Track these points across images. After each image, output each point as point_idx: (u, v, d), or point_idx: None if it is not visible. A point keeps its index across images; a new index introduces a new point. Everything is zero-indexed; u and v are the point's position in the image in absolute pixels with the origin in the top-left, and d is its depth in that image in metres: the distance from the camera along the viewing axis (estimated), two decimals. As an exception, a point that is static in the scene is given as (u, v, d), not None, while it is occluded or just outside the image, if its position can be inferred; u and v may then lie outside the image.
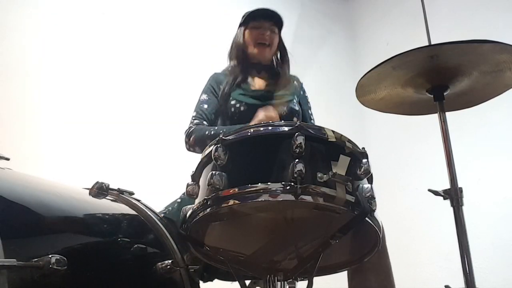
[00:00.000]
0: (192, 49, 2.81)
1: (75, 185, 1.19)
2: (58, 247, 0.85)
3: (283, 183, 0.86)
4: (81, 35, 2.48)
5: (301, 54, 1.97)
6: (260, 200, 0.87)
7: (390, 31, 3.52)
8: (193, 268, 1.08)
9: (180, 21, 2.86)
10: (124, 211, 1.14)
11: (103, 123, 2.39)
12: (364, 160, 0.96)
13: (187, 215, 0.97)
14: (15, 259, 0.70)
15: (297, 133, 0.90)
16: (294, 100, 1.70)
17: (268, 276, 1.03)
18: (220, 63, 1.83)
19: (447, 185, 1.23)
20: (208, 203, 0.91)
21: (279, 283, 1.02)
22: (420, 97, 1.35)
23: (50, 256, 0.74)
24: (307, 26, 3.44)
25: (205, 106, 1.66)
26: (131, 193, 1.22)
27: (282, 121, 1.02)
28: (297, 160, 0.87)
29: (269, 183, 0.87)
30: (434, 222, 2.71)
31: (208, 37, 2.82)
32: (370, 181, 0.99)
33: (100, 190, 1.11)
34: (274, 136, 0.95)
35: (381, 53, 1.33)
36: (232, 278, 1.26)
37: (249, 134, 0.96)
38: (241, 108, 1.62)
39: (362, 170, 0.94)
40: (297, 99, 1.75)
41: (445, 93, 1.30)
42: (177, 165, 1.64)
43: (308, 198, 0.86)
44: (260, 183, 0.87)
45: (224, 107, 1.65)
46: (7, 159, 1.09)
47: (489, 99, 1.37)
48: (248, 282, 1.22)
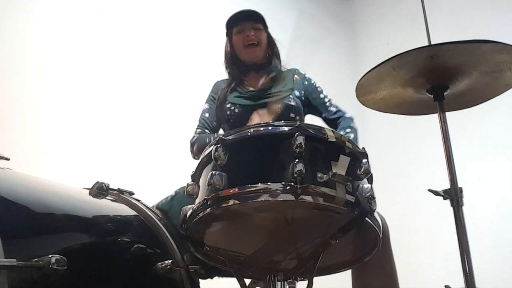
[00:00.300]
0: (192, 50, 2.80)
1: (75, 185, 1.19)
2: (58, 247, 0.85)
3: (283, 183, 0.86)
4: (81, 36, 2.48)
5: (301, 54, 1.97)
6: (260, 200, 0.87)
7: (390, 31, 3.52)
8: (193, 268, 1.08)
9: (180, 22, 2.86)
10: (124, 211, 1.14)
11: (103, 123, 2.39)
12: (364, 160, 0.96)
13: (187, 215, 0.97)
14: (15, 259, 0.70)
15: (297, 133, 0.90)
16: (291, 96, 1.69)
17: (268, 276, 1.03)
18: (220, 64, 1.83)
19: (447, 185, 1.23)
20: (208, 203, 0.91)
21: (279, 283, 1.02)
22: (420, 97, 1.35)
23: (50, 256, 0.74)
24: (307, 26, 3.44)
25: (207, 115, 1.74)
26: (131, 193, 1.23)
27: (282, 121, 1.01)
28: (297, 160, 0.87)
29: (269, 183, 0.87)
30: (434, 222, 2.71)
31: (209, 38, 2.82)
32: (370, 181, 0.99)
33: (100, 190, 1.11)
34: (274, 136, 0.95)
35: (381, 53, 1.33)
36: (232, 275, 1.26)
37: (249, 134, 0.96)
38: (236, 110, 1.65)
39: (362, 170, 0.94)
40: (299, 93, 1.73)
41: (445, 93, 1.29)
42: (177, 165, 1.64)
43: (308, 198, 0.86)
44: (260, 183, 0.87)
45: (221, 111, 1.69)
46: (7, 159, 1.09)
47: (489, 99, 1.37)
48: (248, 282, 1.21)
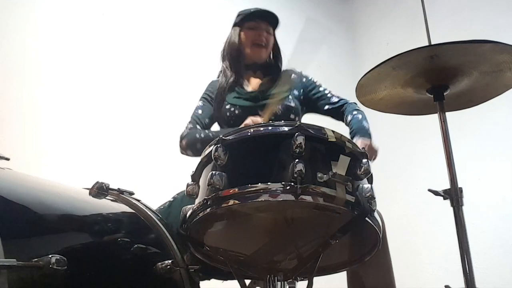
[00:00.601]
0: (192, 50, 2.80)
1: (75, 185, 1.19)
2: (58, 247, 0.85)
3: (283, 183, 0.86)
4: (81, 36, 2.48)
5: (301, 54, 1.96)
6: (260, 200, 0.87)
7: (390, 31, 3.52)
8: (193, 268, 1.08)
9: (180, 22, 2.86)
10: (124, 211, 1.14)
11: (103, 123, 2.39)
12: (364, 160, 0.96)
13: (187, 215, 0.97)
14: (15, 259, 0.70)
15: (297, 133, 0.90)
16: (290, 97, 1.69)
17: (268, 276, 1.03)
18: (219, 66, 1.83)
19: (447, 185, 1.22)
20: (208, 203, 0.91)
21: (279, 283, 1.02)
22: (420, 97, 1.35)
23: (50, 256, 0.74)
24: (307, 26, 3.44)
25: (199, 112, 1.71)
26: (131, 193, 1.22)
27: (282, 121, 1.01)
28: (297, 160, 0.87)
29: (269, 183, 0.87)
30: (434, 222, 2.71)
31: (208, 39, 2.82)
32: (370, 181, 0.99)
33: (100, 190, 1.11)
34: (274, 136, 0.95)
35: (381, 53, 1.33)
36: (230, 278, 1.26)
37: (249, 134, 0.96)
38: (236, 112, 1.63)
39: (362, 170, 0.94)
40: (297, 92, 1.73)
41: (445, 93, 1.29)
42: (177, 165, 1.63)
43: (308, 198, 0.86)
44: (260, 183, 0.87)
45: (219, 112, 1.67)
46: (7, 159, 1.09)
47: (489, 99, 1.37)
48: (248, 282, 1.21)
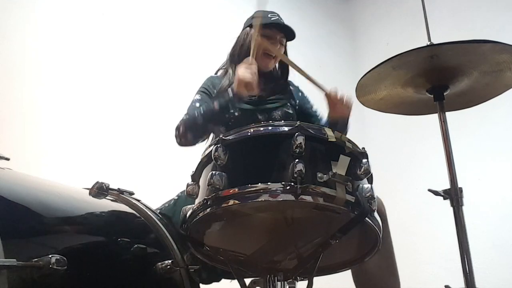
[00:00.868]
0: (192, 50, 2.80)
1: (75, 185, 1.19)
2: (58, 247, 0.85)
3: (283, 183, 0.86)
4: (81, 36, 2.48)
5: (301, 54, 1.96)
6: (260, 200, 0.87)
7: (390, 31, 3.52)
8: (193, 268, 1.08)
9: (180, 22, 2.86)
10: (124, 211, 1.14)
11: (103, 123, 2.39)
12: (364, 160, 0.96)
13: (187, 215, 0.97)
14: (15, 259, 0.70)
15: (297, 133, 0.90)
16: (289, 104, 1.69)
17: (268, 276, 1.03)
18: (219, 64, 1.83)
19: (447, 185, 1.23)
20: (208, 203, 0.91)
21: (279, 283, 1.02)
22: (420, 97, 1.35)
23: (50, 256, 0.74)
24: (307, 26, 3.44)
25: (197, 105, 1.64)
26: (131, 193, 1.22)
27: (282, 121, 1.01)
28: (297, 160, 0.87)
29: (269, 183, 0.87)
30: (434, 222, 2.70)
31: (209, 39, 2.82)
32: (370, 181, 0.99)
33: (100, 190, 1.11)
34: (274, 136, 0.95)
35: (381, 53, 1.33)
36: (227, 276, 1.26)
37: (249, 134, 0.96)
38: (236, 114, 1.60)
39: (362, 170, 0.94)
40: (294, 102, 1.73)
41: (445, 93, 1.29)
42: (177, 165, 1.63)
43: (308, 198, 0.86)
44: (260, 183, 0.87)
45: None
46: (7, 159, 1.09)
47: (489, 99, 1.37)
48: (248, 282, 1.21)
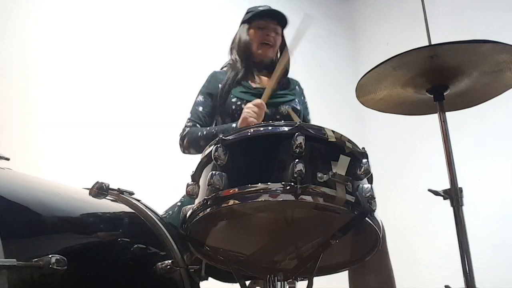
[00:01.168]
0: (192, 50, 2.80)
1: (75, 185, 1.19)
2: (58, 247, 0.85)
3: (283, 183, 0.86)
4: (82, 36, 2.48)
5: (301, 54, 1.97)
6: (260, 200, 0.87)
7: (390, 31, 3.52)
8: (193, 268, 1.08)
9: (180, 22, 2.86)
10: (124, 211, 1.14)
11: (103, 123, 2.39)
12: (364, 160, 0.96)
13: (187, 215, 0.97)
14: (15, 259, 0.70)
15: (297, 133, 0.90)
16: (296, 100, 1.71)
17: (268, 276, 1.03)
18: (219, 64, 1.83)
19: (447, 185, 1.23)
20: (208, 203, 0.91)
21: (279, 283, 1.02)
22: (420, 97, 1.35)
23: (50, 256, 0.74)
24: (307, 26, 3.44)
25: (200, 109, 1.68)
26: (131, 193, 1.22)
27: (282, 121, 1.01)
28: (297, 160, 0.87)
29: (269, 183, 0.87)
30: (434, 222, 2.71)
31: (209, 39, 2.82)
32: (370, 181, 0.99)
33: (100, 190, 1.11)
34: (274, 136, 0.95)
35: (381, 53, 1.33)
36: (227, 279, 1.26)
37: (249, 134, 0.96)
38: (242, 106, 1.60)
39: (362, 170, 0.94)
40: (299, 101, 1.74)
41: (445, 93, 1.29)
42: (177, 165, 1.63)
43: (308, 198, 0.86)
44: (260, 183, 0.87)
45: (224, 105, 1.64)
46: (7, 159, 1.09)
47: (489, 99, 1.37)
48: (248, 282, 1.21)
